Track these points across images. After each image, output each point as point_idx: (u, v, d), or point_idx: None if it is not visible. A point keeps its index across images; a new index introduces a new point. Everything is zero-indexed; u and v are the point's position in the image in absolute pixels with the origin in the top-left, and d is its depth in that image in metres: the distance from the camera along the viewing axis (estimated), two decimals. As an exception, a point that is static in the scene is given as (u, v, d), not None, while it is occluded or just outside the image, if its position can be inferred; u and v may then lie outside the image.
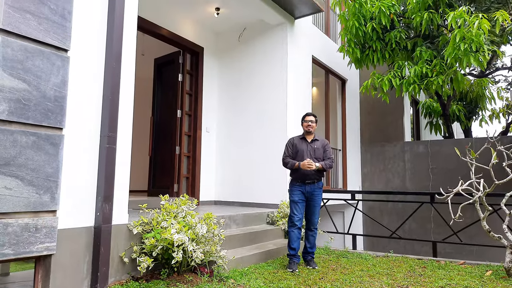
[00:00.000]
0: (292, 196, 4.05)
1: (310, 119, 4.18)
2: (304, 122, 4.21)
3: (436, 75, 5.38)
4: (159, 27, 5.64)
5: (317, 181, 4.07)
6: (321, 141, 4.22)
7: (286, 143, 4.28)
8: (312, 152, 4.09)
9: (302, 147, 4.14)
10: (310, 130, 4.15)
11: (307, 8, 5.79)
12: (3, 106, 2.39)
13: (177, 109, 6.14)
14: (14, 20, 2.47)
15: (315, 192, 4.03)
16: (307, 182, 4.01)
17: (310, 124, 4.15)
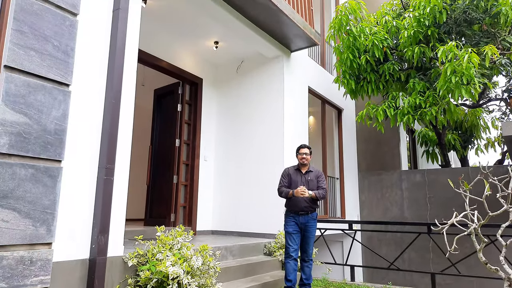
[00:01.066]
0: (287, 227, 4.06)
1: (305, 152, 4.23)
2: (299, 155, 4.26)
3: (429, 106, 5.50)
4: (159, 59, 5.80)
5: (311, 212, 4.06)
6: (315, 172, 4.25)
7: (282, 173, 4.34)
8: (305, 184, 4.12)
9: (296, 178, 4.18)
10: (305, 162, 4.21)
11: (302, 42, 5.99)
12: (4, 139, 2.44)
13: (175, 139, 6.21)
14: (18, 57, 2.57)
15: (309, 223, 4.03)
16: (300, 213, 4.01)
17: (304, 157, 4.21)
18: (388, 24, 6.03)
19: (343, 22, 6.04)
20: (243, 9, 5.00)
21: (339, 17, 6.09)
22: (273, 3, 4.85)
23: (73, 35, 2.92)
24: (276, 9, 4.98)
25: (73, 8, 2.94)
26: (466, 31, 5.37)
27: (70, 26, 2.91)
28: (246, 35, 5.52)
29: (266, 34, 5.72)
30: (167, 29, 5.65)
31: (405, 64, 6.56)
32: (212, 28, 5.61)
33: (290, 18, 5.22)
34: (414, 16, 5.36)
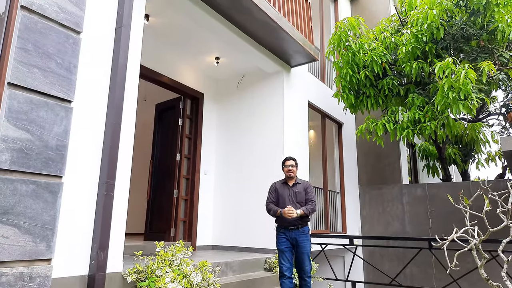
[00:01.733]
0: (278, 245, 3.95)
1: (290, 164, 4.14)
2: (285, 167, 4.17)
3: (428, 121, 5.53)
4: (161, 75, 5.87)
5: (301, 226, 3.93)
6: (303, 184, 4.12)
7: (269, 188, 4.25)
8: (293, 197, 4.00)
9: (283, 192, 4.08)
10: (291, 175, 4.12)
11: (302, 58, 6.06)
12: (6, 155, 2.47)
13: (176, 153, 6.24)
14: (21, 75, 2.62)
15: (299, 238, 3.91)
16: (290, 228, 3.90)
17: (290, 169, 4.12)
18: (387, 40, 6.11)
19: (342, 38, 6.13)
20: (243, 26, 5.09)
21: (338, 33, 6.18)
22: (273, 20, 4.94)
23: (76, 53, 2.98)
24: (276, 26, 5.06)
25: (76, 26, 3.00)
26: (464, 47, 5.44)
27: (73, 43, 2.97)
28: (246, 51, 5.59)
29: (266, 50, 5.80)
30: (169, 45, 5.73)
31: (404, 79, 6.62)
32: (213, 44, 5.69)
33: (289, 34, 5.31)
34: (412, 33, 5.44)
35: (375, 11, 9.41)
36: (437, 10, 5.10)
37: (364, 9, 9.62)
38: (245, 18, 4.90)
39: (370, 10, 9.50)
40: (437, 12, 5.09)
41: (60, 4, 2.90)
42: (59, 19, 2.88)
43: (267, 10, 4.79)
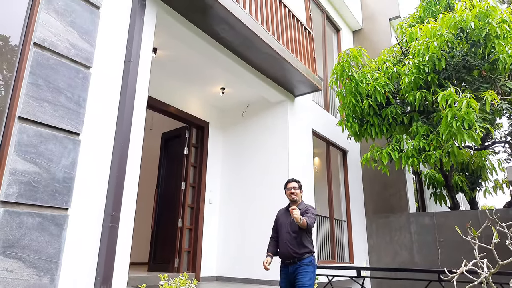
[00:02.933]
0: (279, 281, 3.59)
1: (293, 186, 3.69)
2: (287, 190, 3.73)
3: (433, 149, 5.52)
4: (168, 105, 5.98)
5: (299, 259, 3.43)
6: (303, 207, 3.62)
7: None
8: (289, 225, 3.54)
9: (282, 220, 3.66)
10: (294, 198, 3.66)
11: (306, 88, 6.16)
12: (14, 188, 2.50)
13: (181, 181, 6.25)
14: (32, 109, 2.69)
15: (298, 271, 3.41)
16: (286, 262, 3.48)
17: (293, 191, 3.67)
18: (389, 70, 6.21)
19: (345, 68, 6.24)
20: (248, 58, 5.22)
21: (341, 64, 6.29)
22: (276, 52, 5.06)
23: (85, 87, 3.07)
24: (279, 58, 5.18)
25: (86, 62, 3.11)
26: (466, 77, 5.51)
27: (83, 78, 3.06)
28: (251, 82, 5.70)
29: (270, 80, 5.91)
30: (175, 76, 5.87)
31: (408, 107, 6.67)
32: (219, 76, 5.81)
33: (293, 66, 5.42)
34: (414, 63, 5.53)
35: (376, 41, 9.61)
36: (438, 42, 5.21)
37: (366, 39, 9.83)
38: (250, 52, 5.03)
39: (372, 40, 9.71)
40: (438, 43, 5.20)
41: (72, 40, 3.01)
42: (70, 55, 2.99)
43: (272, 44, 4.93)
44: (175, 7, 4.08)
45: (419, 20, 7.27)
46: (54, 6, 2.93)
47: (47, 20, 2.87)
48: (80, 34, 3.07)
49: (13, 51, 2.82)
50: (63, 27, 2.96)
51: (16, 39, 2.84)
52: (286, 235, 3.54)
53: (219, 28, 4.52)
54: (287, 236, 3.53)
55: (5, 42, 2.82)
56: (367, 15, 10.05)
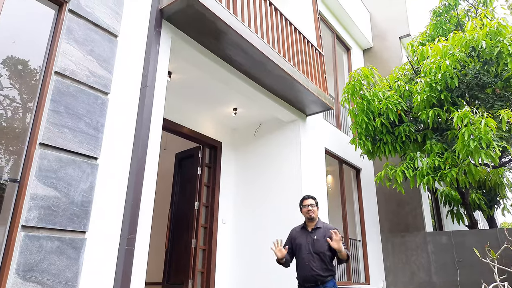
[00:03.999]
0: None
1: (309, 203, 3.54)
2: (303, 208, 3.57)
3: (449, 168, 5.45)
4: (181, 126, 6.08)
5: (322, 282, 3.25)
6: (324, 229, 3.44)
7: (287, 236, 3.75)
8: (311, 246, 3.37)
9: (301, 240, 3.47)
10: (311, 215, 3.49)
11: (317, 107, 6.20)
12: (34, 213, 2.57)
13: (195, 201, 6.28)
14: (52, 135, 2.79)
15: None
16: (307, 286, 3.29)
17: (310, 209, 3.51)
18: (401, 88, 6.22)
19: (356, 87, 6.27)
20: (260, 79, 5.30)
21: (352, 83, 6.33)
22: (288, 74, 5.14)
23: (103, 112, 3.16)
24: (291, 79, 5.25)
25: (104, 88, 3.22)
26: (479, 95, 5.47)
27: (101, 104, 3.16)
28: (263, 102, 5.77)
29: (282, 100, 5.97)
30: (189, 98, 5.98)
31: (421, 125, 6.63)
32: (231, 97, 5.91)
33: (304, 86, 5.48)
34: (426, 82, 5.53)
35: (387, 59, 9.65)
36: (450, 60, 5.21)
37: (377, 57, 9.88)
38: (262, 74, 5.12)
39: (382, 58, 9.75)
40: (450, 62, 5.20)
41: (91, 68, 3.13)
42: (90, 82, 3.10)
43: (284, 66, 5.01)
44: (189, 33, 4.21)
45: (429, 38, 7.30)
46: (74, 36, 3.07)
47: (68, 49, 3.00)
48: (99, 62, 3.19)
49: (35, 79, 2.94)
50: (83, 55, 3.09)
51: (38, 67, 2.97)
52: (307, 256, 3.35)
53: (231, 52, 4.63)
54: (309, 257, 3.34)
55: (28, 70, 2.95)
56: (377, 34, 10.13)
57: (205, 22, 4.02)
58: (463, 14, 7.24)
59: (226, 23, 4.06)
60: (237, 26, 4.24)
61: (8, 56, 2.83)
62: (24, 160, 2.71)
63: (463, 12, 7.29)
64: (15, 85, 2.85)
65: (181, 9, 3.77)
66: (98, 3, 3.30)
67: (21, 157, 2.73)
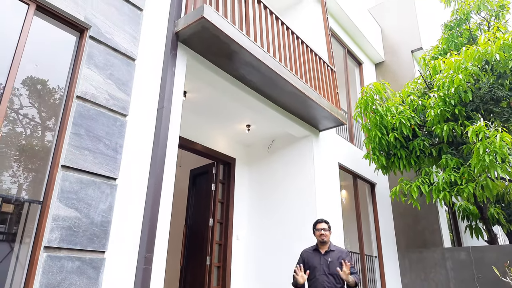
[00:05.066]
0: None
1: (323, 227, 3.74)
2: (317, 231, 3.77)
3: (465, 182, 5.38)
4: (195, 143, 6.17)
5: None
6: (338, 251, 3.65)
7: (299, 258, 3.89)
8: (325, 267, 3.55)
9: (314, 261, 3.64)
10: (324, 239, 3.70)
11: (330, 122, 6.22)
12: (56, 234, 2.65)
13: (209, 218, 6.31)
14: (74, 157, 2.88)
15: None
16: None
17: (323, 233, 3.71)
18: (414, 102, 6.20)
19: (369, 102, 6.28)
20: (273, 96, 5.37)
21: (364, 98, 6.34)
22: (300, 90, 5.19)
23: (122, 134, 3.26)
24: (303, 96, 5.31)
25: (123, 110, 3.32)
26: (494, 108, 5.42)
27: (120, 126, 3.26)
28: (276, 119, 5.83)
29: (295, 117, 6.02)
30: (203, 116, 6.09)
31: (436, 139, 6.57)
32: (244, 114, 5.98)
33: (317, 102, 5.52)
34: (439, 96, 5.51)
35: (399, 73, 9.65)
36: (463, 74, 5.20)
37: (389, 71, 9.89)
38: (275, 91, 5.19)
39: (394, 72, 9.75)
40: (463, 76, 5.18)
41: (110, 92, 3.24)
42: (109, 105, 3.21)
43: (296, 83, 5.07)
44: (203, 54, 4.32)
45: (441, 52, 7.30)
46: (95, 61, 3.19)
47: (88, 74, 3.12)
48: (117, 85, 3.31)
49: (57, 103, 3.06)
50: (102, 80, 3.21)
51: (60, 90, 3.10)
52: (322, 278, 3.52)
53: (244, 71, 4.72)
54: (324, 278, 3.51)
55: (50, 93, 3.07)
56: (389, 48, 10.16)
57: (219, 44, 4.13)
58: (475, 28, 7.23)
59: (239, 44, 4.15)
60: (249, 46, 4.33)
61: (32, 80, 2.96)
62: (46, 182, 2.80)
63: (475, 25, 7.28)
64: (38, 107, 2.97)
65: (196, 32, 3.88)
66: (117, 29, 3.43)
67: (44, 179, 2.82)
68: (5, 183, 2.65)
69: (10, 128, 2.76)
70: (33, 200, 2.74)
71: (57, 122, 3.00)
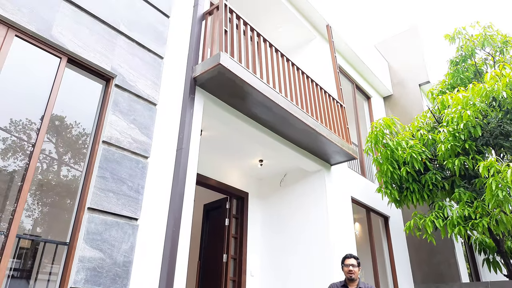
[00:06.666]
0: None
1: (351, 263, 3.73)
2: (345, 267, 3.77)
3: (480, 217, 5.36)
4: (209, 178, 6.31)
5: None
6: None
7: None
8: None
9: None
10: (352, 276, 3.69)
11: (341, 157, 6.33)
12: (81, 275, 2.75)
13: (223, 253, 6.33)
14: (99, 199, 3.03)
15: None
16: None
17: (351, 269, 3.70)
18: (424, 137, 6.30)
19: (379, 136, 6.39)
20: (284, 133, 5.54)
21: (374, 132, 6.46)
22: (311, 127, 5.35)
23: (144, 175, 3.42)
24: (314, 133, 5.46)
25: (145, 153, 3.50)
26: (504, 143, 5.49)
27: (142, 167, 3.43)
28: (288, 154, 5.96)
29: (306, 152, 6.15)
30: (216, 152, 6.26)
31: (448, 172, 6.60)
32: (257, 149, 6.14)
33: (328, 138, 5.66)
34: (449, 131, 5.61)
35: (408, 106, 9.80)
36: (471, 110, 5.31)
37: (397, 104, 10.06)
38: (286, 128, 5.36)
39: (403, 105, 9.91)
40: (472, 112, 5.30)
41: (133, 135, 3.43)
42: (132, 148, 3.39)
43: (306, 120, 5.24)
44: (218, 96, 4.54)
45: (449, 86, 7.46)
46: (119, 108, 3.41)
47: (114, 120, 3.33)
48: (140, 129, 3.50)
49: (84, 146, 3.25)
50: (126, 124, 3.41)
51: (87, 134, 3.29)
52: None
53: (257, 110, 4.92)
54: None
55: (78, 139, 3.27)
56: (397, 82, 10.38)
57: (233, 86, 4.35)
58: (481, 63, 7.41)
59: (252, 86, 4.37)
60: (262, 87, 4.55)
61: (62, 125, 3.16)
62: (73, 223, 2.94)
63: (481, 60, 7.47)
64: (66, 151, 3.16)
65: (213, 76, 4.12)
66: (140, 76, 3.67)
67: (70, 220, 2.96)
68: (33, 224, 2.80)
69: (41, 171, 2.94)
70: (60, 241, 2.87)
71: (84, 166, 3.18)
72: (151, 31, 3.97)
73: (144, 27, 3.91)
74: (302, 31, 7.72)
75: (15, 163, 2.77)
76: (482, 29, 7.23)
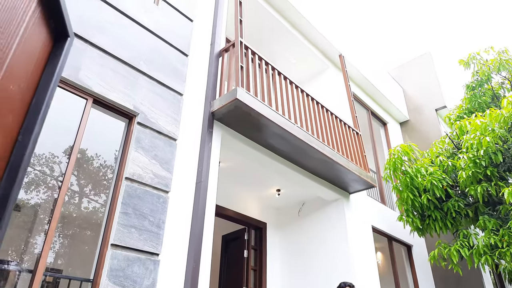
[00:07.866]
0: None
1: None
2: None
3: (507, 245, 5.17)
4: (227, 209, 6.33)
5: None
6: None
7: None
8: None
9: None
10: None
11: (359, 185, 6.28)
12: (105, 312, 2.78)
13: (242, 286, 6.25)
14: (122, 235, 3.10)
15: None
16: None
17: None
18: (444, 163, 6.20)
19: (398, 164, 6.33)
20: (301, 163, 5.57)
21: (392, 160, 6.41)
22: (328, 157, 5.37)
23: (165, 210, 3.48)
24: (331, 162, 5.47)
25: (166, 187, 3.58)
26: (527, 168, 5.37)
27: (163, 202, 3.50)
28: (305, 183, 5.96)
29: (324, 181, 6.13)
30: (234, 182, 6.31)
31: (470, 198, 6.43)
32: (274, 179, 6.17)
33: (345, 167, 5.66)
34: (469, 157, 5.52)
35: (425, 131, 9.71)
36: (491, 137, 5.25)
37: (414, 130, 9.98)
38: (303, 158, 5.40)
39: (420, 130, 9.83)
40: (491, 139, 5.23)
41: (155, 171, 3.53)
42: (153, 183, 3.48)
43: (323, 150, 5.27)
44: (236, 128, 4.65)
45: (466, 111, 7.39)
46: (141, 144, 3.53)
47: (136, 156, 3.44)
48: (161, 164, 3.60)
49: (107, 182, 3.36)
50: (148, 160, 3.52)
51: (110, 171, 3.40)
52: None
53: (274, 141, 4.99)
54: None
55: (102, 176, 3.38)
56: (413, 107, 10.34)
57: (250, 119, 4.45)
58: (497, 87, 7.36)
59: (268, 118, 4.46)
60: (278, 119, 4.63)
61: (87, 162, 3.29)
62: (97, 260, 3.00)
63: (497, 84, 7.42)
64: (91, 188, 3.27)
65: (230, 110, 4.24)
66: (160, 113, 3.82)
67: (94, 257, 3.03)
68: (59, 261, 2.87)
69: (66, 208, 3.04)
70: (85, 278, 2.92)
71: (107, 202, 3.27)
72: (170, 69, 4.15)
73: (164, 66, 4.09)
74: (315, 62, 7.88)
75: (37, 196, 2.88)
76: (497, 54, 7.22)
